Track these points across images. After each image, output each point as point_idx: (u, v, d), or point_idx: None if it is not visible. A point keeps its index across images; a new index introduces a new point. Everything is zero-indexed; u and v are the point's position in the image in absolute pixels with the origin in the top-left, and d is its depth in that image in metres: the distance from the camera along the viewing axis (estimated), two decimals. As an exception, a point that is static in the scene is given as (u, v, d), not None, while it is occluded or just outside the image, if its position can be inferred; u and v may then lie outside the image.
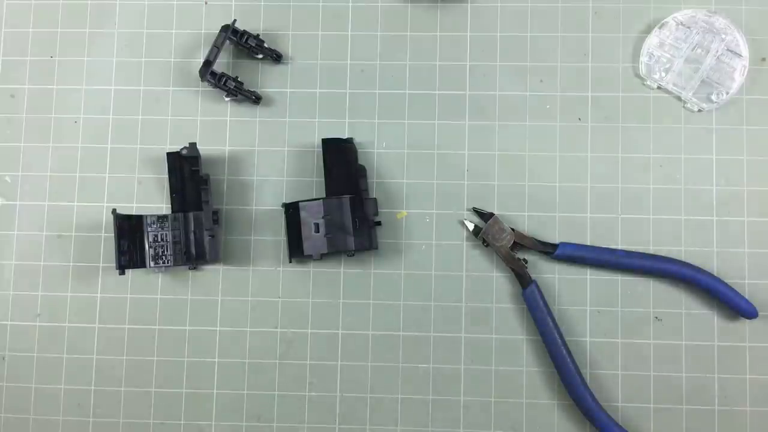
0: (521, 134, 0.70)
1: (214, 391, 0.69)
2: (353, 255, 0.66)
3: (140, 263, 0.67)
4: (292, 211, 0.67)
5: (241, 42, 0.69)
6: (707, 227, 0.68)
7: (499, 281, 0.68)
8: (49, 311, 0.70)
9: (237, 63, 0.72)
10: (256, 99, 0.70)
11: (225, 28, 0.69)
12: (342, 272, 0.69)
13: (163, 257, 0.67)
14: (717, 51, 0.68)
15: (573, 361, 0.64)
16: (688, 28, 0.69)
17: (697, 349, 0.67)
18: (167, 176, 0.69)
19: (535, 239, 0.67)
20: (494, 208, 0.69)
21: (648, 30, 0.70)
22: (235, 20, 0.69)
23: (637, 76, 0.69)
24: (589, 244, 0.68)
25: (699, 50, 0.69)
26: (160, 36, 0.73)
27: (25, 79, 0.73)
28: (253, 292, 0.69)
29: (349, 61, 0.71)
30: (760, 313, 0.65)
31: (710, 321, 0.67)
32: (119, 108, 0.72)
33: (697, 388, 0.66)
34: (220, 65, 0.70)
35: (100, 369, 0.70)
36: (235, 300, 0.69)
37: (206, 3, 0.73)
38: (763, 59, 0.69)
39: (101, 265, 0.70)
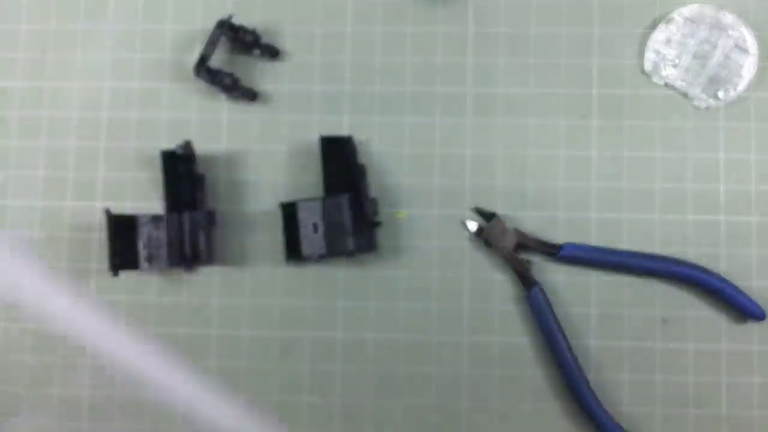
0: (524, 132, 0.68)
1: (210, 395, 0.68)
2: (353, 255, 0.65)
3: (134, 264, 0.66)
4: (289, 210, 0.66)
5: (238, 38, 0.68)
6: (715, 227, 0.67)
7: (501, 283, 0.67)
8: (41, 313, 0.69)
9: (233, 59, 0.70)
10: (252, 96, 0.69)
11: (221, 24, 0.68)
12: (341, 273, 0.68)
13: (158, 258, 0.66)
14: (724, 47, 0.67)
15: (578, 365, 0.64)
16: (695, 23, 0.68)
17: (704, 351, 0.66)
18: (162, 175, 0.68)
19: (539, 240, 0.66)
20: (497, 207, 0.68)
21: (654, 26, 0.68)
22: (231, 15, 0.68)
23: (643, 72, 0.68)
24: (594, 244, 0.67)
25: (706, 46, 0.67)
26: (155, 32, 0.71)
27: (17, 75, 0.72)
28: (251, 294, 0.68)
29: (348, 58, 0.70)
30: (768, 316, 0.65)
31: (718, 323, 0.66)
32: (113, 105, 0.71)
33: (704, 392, 0.65)
34: (215, 61, 0.69)
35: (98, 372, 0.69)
36: (231, 302, 0.68)
37: (202, -2, 0.72)
38: (772, 55, 0.68)
39: (94, 266, 0.69)
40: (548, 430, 0.66)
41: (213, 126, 0.70)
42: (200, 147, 0.69)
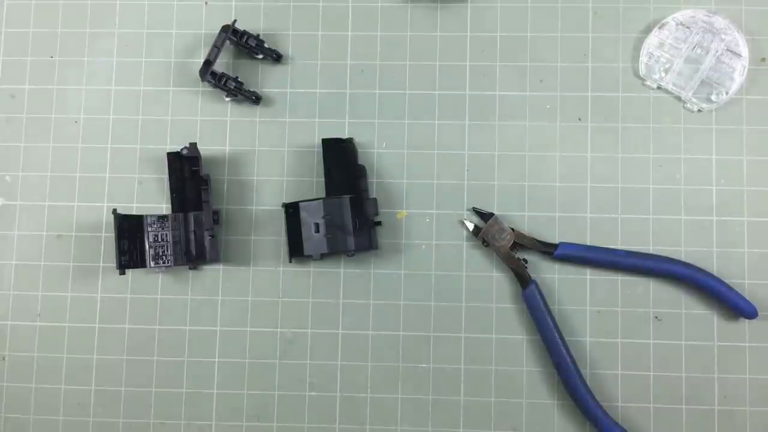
0: (521, 134, 0.70)
1: (214, 391, 0.69)
2: (353, 255, 0.66)
3: (140, 263, 0.67)
4: (292, 211, 0.67)
5: (241, 42, 0.70)
6: (707, 227, 0.68)
7: (499, 281, 0.68)
8: (49, 311, 0.70)
9: (237, 63, 0.72)
10: (256, 99, 0.70)
11: (225, 28, 0.69)
12: (342, 272, 0.69)
13: (164, 257, 0.67)
14: (717, 51, 0.68)
15: (573, 361, 0.65)
16: (688, 28, 0.69)
17: (696, 349, 0.67)
18: (167, 176, 0.69)
19: (535, 239, 0.67)
20: (494, 208, 0.69)
21: (648, 30, 0.70)
22: (235, 20, 0.69)
23: (637, 76, 0.69)
24: (589, 244, 0.68)
25: (699, 50, 0.69)
26: (160, 36, 0.73)
27: (25, 79, 0.73)
28: (253, 292, 0.69)
29: (349, 61, 0.71)
30: (759, 313, 0.65)
31: (710, 321, 0.67)
32: (119, 108, 0.72)
33: (696, 388, 0.66)
34: (220, 65, 0.70)
35: (100, 369, 0.70)
36: (235, 300, 0.69)
37: (206, 3, 0.73)
38: (763, 59, 0.69)
39: (101, 265, 0.70)
40: (544, 424, 0.67)
41: (217, 128, 0.71)
42: (205, 149, 0.70)
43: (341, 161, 0.68)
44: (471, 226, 0.68)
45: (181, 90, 0.72)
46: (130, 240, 0.67)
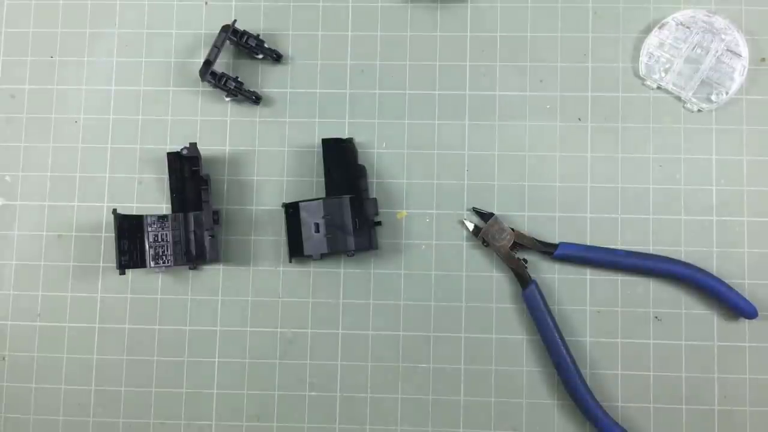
0: (521, 134, 0.70)
1: (214, 391, 0.69)
2: (353, 255, 0.66)
3: (140, 263, 0.67)
4: (292, 211, 0.67)
5: (241, 42, 0.70)
6: (707, 227, 0.68)
7: (499, 281, 0.68)
8: (49, 311, 0.70)
9: (237, 63, 0.72)
10: (256, 99, 0.70)
11: (225, 28, 0.69)
12: (342, 272, 0.69)
13: (164, 257, 0.68)
14: (717, 51, 0.68)
15: (573, 361, 0.65)
16: (688, 28, 0.69)
17: (696, 349, 0.67)
18: (167, 176, 0.69)
19: (535, 239, 0.67)
20: (494, 208, 0.69)
21: (648, 30, 0.70)
22: (235, 20, 0.69)
23: (637, 76, 0.69)
24: (589, 244, 0.68)
25: (699, 50, 0.69)
26: (160, 36, 0.73)
27: (25, 79, 0.73)
28: (253, 292, 0.69)
29: (349, 61, 0.71)
30: (760, 313, 0.65)
31: (710, 321, 0.67)
32: (119, 108, 0.72)
33: (696, 388, 0.66)
34: (220, 65, 0.70)
35: (100, 369, 0.70)
36: (235, 300, 0.69)
37: (206, 3, 0.73)
38: (763, 59, 0.69)
39: (101, 265, 0.70)
40: (544, 424, 0.67)
41: (217, 128, 0.71)
42: (205, 149, 0.70)
43: (341, 161, 0.68)
44: (471, 226, 0.68)
45: (181, 90, 0.72)
46: (130, 240, 0.67)
